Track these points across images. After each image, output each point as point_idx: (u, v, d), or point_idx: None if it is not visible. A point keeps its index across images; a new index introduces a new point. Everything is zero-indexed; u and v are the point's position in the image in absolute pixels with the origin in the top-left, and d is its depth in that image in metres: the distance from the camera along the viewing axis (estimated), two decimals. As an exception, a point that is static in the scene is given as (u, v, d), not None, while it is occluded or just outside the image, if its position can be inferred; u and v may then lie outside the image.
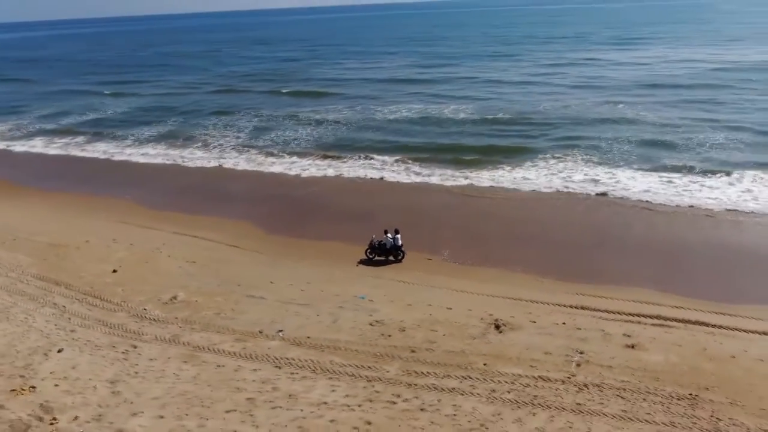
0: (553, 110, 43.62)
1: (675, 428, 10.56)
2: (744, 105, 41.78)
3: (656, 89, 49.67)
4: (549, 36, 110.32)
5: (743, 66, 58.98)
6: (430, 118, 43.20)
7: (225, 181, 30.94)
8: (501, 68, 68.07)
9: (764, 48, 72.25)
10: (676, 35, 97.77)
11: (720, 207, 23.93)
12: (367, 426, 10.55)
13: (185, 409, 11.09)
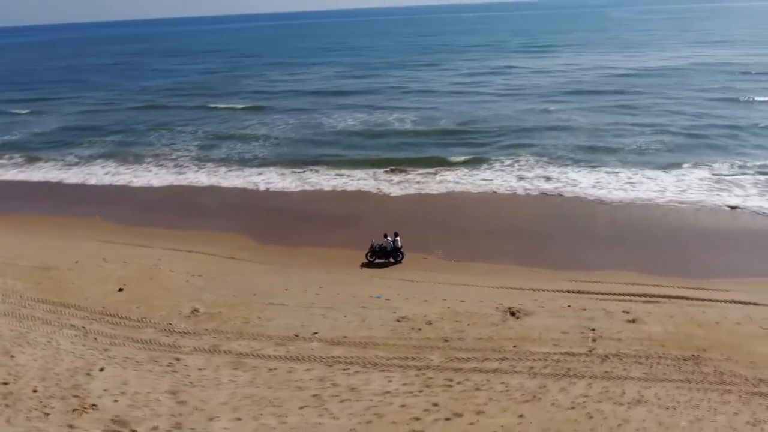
0: (492, 117, 45.89)
1: (690, 383, 12.38)
2: (658, 109, 45.86)
3: (578, 95, 53.55)
4: (464, 45, 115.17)
5: (647, 72, 65.18)
6: (377, 128, 44.21)
7: (193, 195, 30.64)
8: (428, 78, 69.78)
9: (659, 54, 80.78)
10: (579, 43, 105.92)
11: (664, 198, 27.00)
12: (435, 407, 11.56)
13: (258, 410, 11.60)
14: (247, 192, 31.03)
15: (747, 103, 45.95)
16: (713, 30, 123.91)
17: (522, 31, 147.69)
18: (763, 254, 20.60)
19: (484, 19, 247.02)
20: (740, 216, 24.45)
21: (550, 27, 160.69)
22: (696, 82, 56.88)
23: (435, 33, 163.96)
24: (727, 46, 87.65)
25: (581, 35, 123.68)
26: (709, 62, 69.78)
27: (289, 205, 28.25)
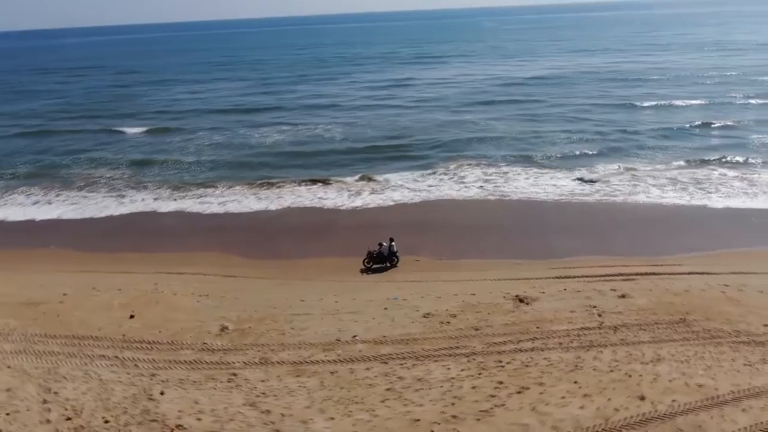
0: (417, 129, 47.82)
1: (689, 341, 14.90)
2: (564, 116, 50.52)
3: (487, 105, 57.37)
4: (358, 56, 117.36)
5: (537, 80, 71.67)
6: (308, 144, 44.34)
7: (149, 219, 29.71)
8: (335, 92, 69.85)
9: (541, 63, 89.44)
10: (465, 53, 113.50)
11: (600, 194, 30.61)
12: (501, 384, 13.02)
13: (344, 409, 12.38)
14: (205, 213, 30.45)
15: (638, 108, 52.11)
16: (578, 39, 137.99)
17: (407, 42, 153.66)
18: (694, 235, 24.40)
19: (359, 31, 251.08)
20: (667, 206, 28.51)
21: (431, 37, 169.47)
22: (584, 89, 63.67)
23: (315, 45, 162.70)
24: (597, 54, 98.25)
25: (465, 45, 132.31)
26: (587, 70, 78.21)
27: (257, 223, 28.35)
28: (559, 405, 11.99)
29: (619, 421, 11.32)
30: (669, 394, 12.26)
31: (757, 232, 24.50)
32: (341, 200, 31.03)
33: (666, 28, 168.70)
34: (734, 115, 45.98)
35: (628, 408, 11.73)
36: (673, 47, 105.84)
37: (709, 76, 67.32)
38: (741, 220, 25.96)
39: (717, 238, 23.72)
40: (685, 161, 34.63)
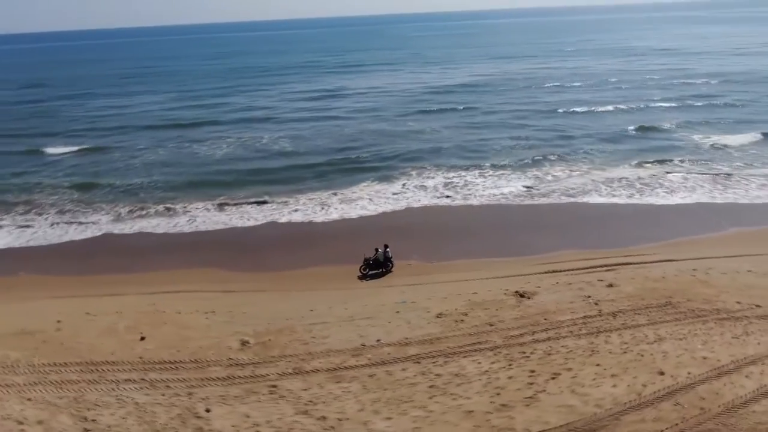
0: (364, 138, 47.95)
1: (680, 321, 16.68)
2: (504, 122, 52.52)
3: (428, 114, 57.99)
4: (281, 66, 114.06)
5: (466, 87, 74.10)
6: (258, 157, 43.47)
7: (117, 239, 28.49)
8: (270, 104, 67.61)
9: (464, 70, 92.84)
10: (387, 61, 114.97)
11: (566, 194, 32.75)
12: (534, 373, 14.06)
13: (397, 408, 12.96)
14: (174, 232, 29.57)
15: (571, 114, 55.23)
16: (493, 45, 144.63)
17: (326, 51, 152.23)
18: (650, 227, 26.85)
19: (269, 40, 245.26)
20: (620, 203, 31.06)
21: (349, 46, 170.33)
22: (514, 96, 66.31)
23: (226, 55, 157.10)
24: (517, 61, 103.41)
25: (386, 53, 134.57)
26: (511, 77, 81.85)
27: (234, 238, 27.99)
28: (594, 386, 13.20)
29: (650, 395, 12.67)
30: (682, 367, 13.81)
31: (701, 222, 27.30)
32: (314, 213, 31.01)
33: (572, 35, 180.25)
34: (660, 118, 50.26)
35: (654, 383, 13.13)
36: (584, 53, 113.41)
37: (626, 80, 72.78)
38: (685, 213, 28.80)
39: (670, 229, 26.24)
40: (626, 162, 37.55)
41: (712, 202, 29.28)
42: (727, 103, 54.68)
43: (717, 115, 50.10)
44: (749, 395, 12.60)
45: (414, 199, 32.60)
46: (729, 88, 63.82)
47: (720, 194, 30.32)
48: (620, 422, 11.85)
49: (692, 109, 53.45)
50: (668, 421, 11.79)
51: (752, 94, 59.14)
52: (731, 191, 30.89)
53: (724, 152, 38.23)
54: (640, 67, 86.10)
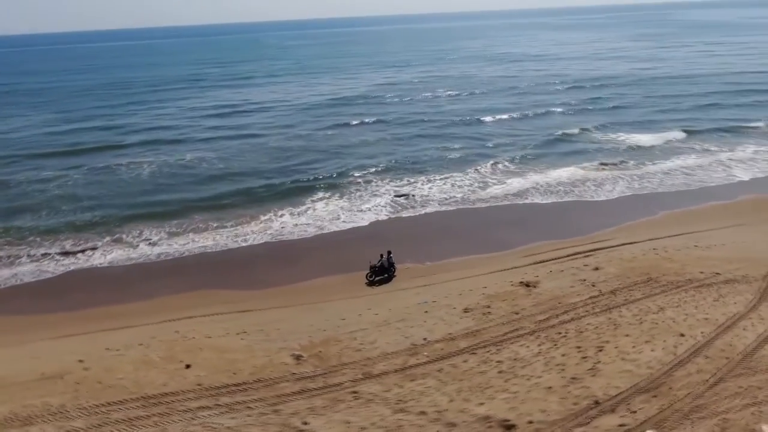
0: (295, 154, 46.35)
1: (666, 292, 19.70)
2: (419, 133, 52.88)
3: (342, 127, 56.52)
4: (166, 80, 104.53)
5: (364, 97, 74.04)
6: (194, 177, 41.34)
7: (83, 272, 26.51)
8: (171, 124, 61.82)
9: (355, 80, 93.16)
10: (272, 72, 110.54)
11: (512, 195, 35.64)
12: (581, 348, 16.10)
13: (482, 394, 14.29)
14: (150, 259, 27.96)
15: (484, 123, 56.71)
16: (376, 53, 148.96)
17: (207, 62, 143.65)
18: (597, 217, 30.48)
19: (131, 51, 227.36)
20: (565, 200, 34.68)
21: (227, 56, 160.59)
22: (420, 106, 66.53)
23: (107, 67, 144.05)
24: (407, 70, 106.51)
25: (270, 64, 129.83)
26: (408, 86, 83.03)
27: (220, 258, 27.25)
28: (636, 352, 15.52)
29: (683, 353, 15.22)
30: (693, 329, 16.63)
31: (636, 210, 31.44)
32: (285, 230, 30.46)
33: (446, 42, 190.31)
34: (569, 122, 54.00)
35: (681, 344, 15.75)
36: (467, 60, 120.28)
37: (518, 86, 77.36)
38: (622, 203, 32.87)
39: (614, 218, 29.94)
40: (558, 163, 40.29)
41: (640, 193, 33.70)
42: (617, 106, 60.75)
43: (616, 117, 55.02)
44: (754, 342, 15.62)
45: (377, 211, 33.20)
46: (614, 91, 70.45)
47: (642, 185, 34.93)
48: (674, 377, 14.21)
49: (592, 112, 58.59)
50: (708, 372, 14.36)
51: (634, 96, 65.80)
52: (647, 182, 35.66)
53: (638, 150, 42.72)
54: (521, 73, 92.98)
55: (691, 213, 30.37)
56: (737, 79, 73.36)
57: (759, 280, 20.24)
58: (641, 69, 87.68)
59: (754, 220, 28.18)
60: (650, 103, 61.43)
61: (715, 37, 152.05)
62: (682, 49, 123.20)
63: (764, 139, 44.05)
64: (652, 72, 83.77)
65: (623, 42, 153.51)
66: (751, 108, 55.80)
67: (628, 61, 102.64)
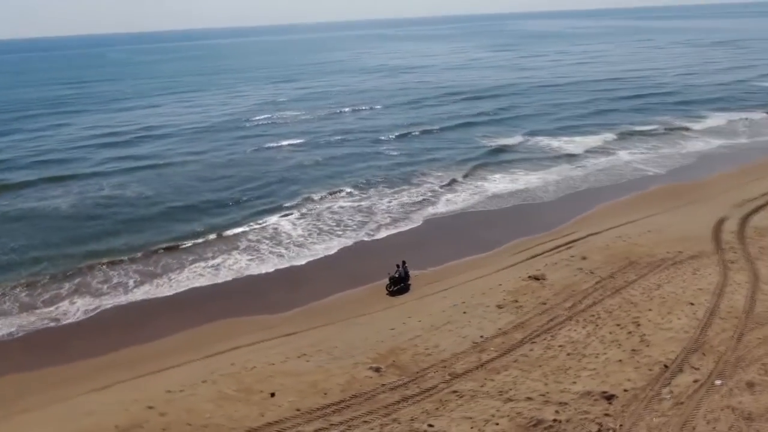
0: (238, 178, 43.51)
1: (652, 272, 23.30)
2: (341, 150, 51.33)
3: (273, 150, 52.75)
4: (23, 103, 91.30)
5: (267, 119, 68.44)
6: (108, 208, 37.74)
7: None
8: (62, 156, 53.64)
9: (249, 96, 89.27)
10: (138, 93, 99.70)
11: (474, 202, 38.28)
12: (620, 325, 18.83)
13: (566, 374, 16.38)
14: (150, 297, 26.30)
15: (384, 141, 55.03)
16: (245, 68, 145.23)
17: (61, 81, 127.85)
18: (557, 214, 34.14)
19: None
20: (523, 203, 38.16)
21: (72, 75, 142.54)
22: (330, 122, 64.40)
23: None
24: (297, 81, 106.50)
25: (131, 83, 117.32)
26: (303, 100, 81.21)
27: (213, 289, 26.30)
28: (667, 322, 18.65)
29: (703, 317, 18.59)
30: (697, 297, 20.21)
31: (580, 204, 35.57)
32: (264, 255, 29.65)
33: (308, 54, 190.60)
34: (488, 131, 56.45)
35: (696, 311, 19.17)
36: (343, 72, 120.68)
37: (411, 99, 77.20)
38: (567, 199, 37.03)
39: (567, 213, 33.76)
40: (500, 171, 42.78)
41: (578, 191, 38.17)
42: (526, 114, 63.84)
43: (532, 125, 57.58)
44: (747, 303, 19.48)
45: (355, 228, 32.99)
46: (511, 101, 73.28)
47: (576, 184, 39.42)
48: (708, 337, 17.42)
49: (505, 121, 60.65)
50: (730, 329, 17.81)
51: (532, 104, 69.99)
52: (581, 181, 40.16)
53: (566, 153, 46.46)
54: (410, 85, 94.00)
55: (622, 204, 35.25)
56: (616, 85, 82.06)
57: (714, 254, 24.71)
58: (522, 78, 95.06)
59: (676, 205, 33.59)
60: (553, 110, 65.91)
61: (561, 46, 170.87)
62: (539, 58, 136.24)
63: (660, 141, 50.23)
64: (532, 80, 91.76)
65: (484, 52, 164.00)
66: (648, 111, 62.11)
67: (503, 70, 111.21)
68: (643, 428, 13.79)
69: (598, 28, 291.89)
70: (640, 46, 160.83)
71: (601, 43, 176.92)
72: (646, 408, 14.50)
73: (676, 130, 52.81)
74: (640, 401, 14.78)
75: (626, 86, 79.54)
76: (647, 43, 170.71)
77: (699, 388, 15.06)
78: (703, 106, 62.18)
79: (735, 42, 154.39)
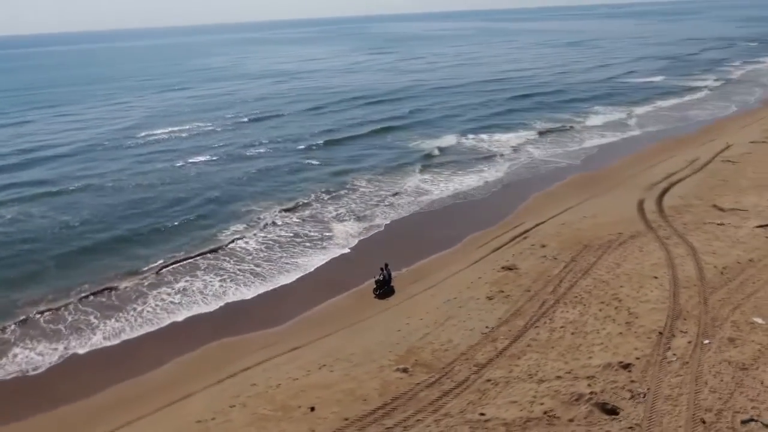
0: (163, 202, 39.51)
1: (606, 252, 26.19)
2: (251, 163, 53.19)
3: (162, 172, 48.68)
4: None
5: (168, 133, 62.82)
6: (44, 237, 33.51)
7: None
8: None
9: (132, 109, 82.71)
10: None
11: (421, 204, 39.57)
12: (604, 302, 21.11)
13: (578, 351, 18.20)
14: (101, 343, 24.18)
15: (334, 144, 54.55)
16: (115, 74, 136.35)
17: None
18: (495, 208, 36.57)
19: None
20: (461, 202, 40.12)
21: None
22: (236, 134, 60.98)
23: None
24: (174, 90, 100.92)
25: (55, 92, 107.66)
26: (202, 108, 78.08)
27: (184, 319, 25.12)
28: (643, 295, 21.30)
29: (670, 288, 21.44)
30: (656, 271, 23.25)
31: (514, 197, 38.50)
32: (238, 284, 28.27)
33: (180, 60, 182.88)
34: (429, 133, 58.97)
35: (662, 283, 22.07)
36: (232, 77, 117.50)
37: (323, 106, 75.49)
38: (499, 194, 39.78)
39: (505, 207, 36.33)
40: (443, 169, 45.72)
41: (508, 186, 41.07)
42: (437, 117, 65.28)
43: (450, 127, 59.48)
44: (698, 271, 22.77)
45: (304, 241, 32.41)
46: (421, 102, 74.78)
47: (509, 179, 42.30)
48: (681, 305, 20.21)
49: (419, 125, 61.19)
50: (695, 296, 20.82)
51: (441, 105, 71.83)
52: (514, 176, 43.16)
53: (494, 152, 48.98)
54: (315, 91, 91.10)
55: (551, 194, 38.58)
56: (504, 85, 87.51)
57: (649, 232, 28.32)
58: (414, 81, 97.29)
59: (595, 192, 37.53)
60: (459, 111, 67.98)
61: (434, 48, 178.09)
62: (419, 60, 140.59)
63: (562, 136, 54.61)
64: (424, 83, 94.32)
65: (362, 56, 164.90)
66: (543, 109, 66.95)
67: (390, 73, 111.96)
68: (666, 388, 15.90)
69: (458, 30, 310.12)
70: (507, 47, 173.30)
71: (471, 45, 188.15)
72: (661, 370, 16.69)
73: (574, 125, 58.41)
74: (654, 365, 16.96)
75: (514, 86, 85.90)
76: (511, 44, 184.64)
77: (695, 348, 17.60)
78: (589, 102, 69.17)
79: (585, 42, 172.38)
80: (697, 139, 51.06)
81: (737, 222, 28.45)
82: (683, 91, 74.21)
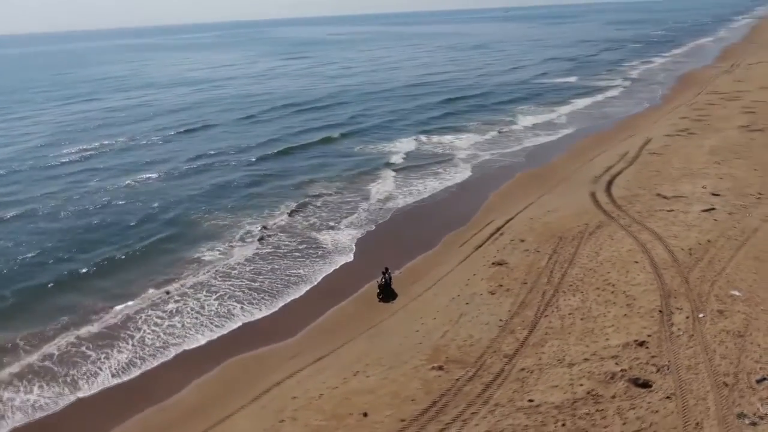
0: (86, 222, 36.66)
1: (581, 243, 28.40)
2: (196, 177, 52.86)
3: (91, 194, 52.31)
4: None
5: (82, 151, 56.65)
6: None
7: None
8: None
9: (38, 123, 78.68)
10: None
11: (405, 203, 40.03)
12: (599, 288, 23.02)
13: (592, 334, 19.85)
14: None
15: (284, 155, 52.57)
16: (32, 84, 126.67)
17: None
18: (458, 208, 38.10)
19: None
20: (424, 206, 41.13)
21: None
22: (163, 149, 56.76)
23: None
24: (80, 102, 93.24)
25: None
26: (106, 123, 72.71)
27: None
28: (632, 279, 23.43)
29: (653, 271, 23.77)
30: (634, 256, 25.62)
31: (475, 196, 40.27)
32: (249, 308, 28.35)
33: (91, 67, 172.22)
34: (376, 139, 60.92)
35: (644, 267, 24.38)
36: (142, 86, 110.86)
37: (261, 113, 74.20)
38: (461, 194, 41.37)
39: (468, 206, 37.93)
40: (411, 169, 46.64)
41: (465, 186, 42.77)
42: (379, 123, 65.28)
43: (394, 132, 59.81)
44: (669, 254, 25.35)
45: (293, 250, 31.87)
46: (348, 110, 73.89)
47: (465, 179, 44.07)
48: (668, 284, 22.52)
49: (364, 132, 60.94)
50: (677, 276, 23.20)
51: (375, 114, 70.68)
52: (473, 175, 44.94)
53: (447, 155, 50.65)
54: (225, 99, 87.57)
55: (506, 191, 40.71)
56: (429, 89, 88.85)
57: (611, 222, 30.97)
58: (339, 87, 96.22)
59: (547, 188, 40.14)
60: (397, 116, 68.64)
61: (343, 53, 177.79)
62: (333, 65, 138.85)
63: (501, 136, 58.17)
64: (350, 89, 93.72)
65: (275, 61, 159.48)
66: (476, 111, 69.58)
67: (311, 79, 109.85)
68: (684, 359, 17.88)
69: (358, 34, 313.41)
70: (415, 51, 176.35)
71: (379, 49, 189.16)
72: (674, 344, 18.66)
73: (509, 126, 61.78)
74: (666, 341, 18.93)
75: (440, 90, 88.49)
76: (418, 48, 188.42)
77: (694, 322, 19.81)
78: (516, 103, 73.14)
79: (489, 45, 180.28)
80: (617, 135, 55.72)
81: (683, 208, 31.84)
82: (595, 91, 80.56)
